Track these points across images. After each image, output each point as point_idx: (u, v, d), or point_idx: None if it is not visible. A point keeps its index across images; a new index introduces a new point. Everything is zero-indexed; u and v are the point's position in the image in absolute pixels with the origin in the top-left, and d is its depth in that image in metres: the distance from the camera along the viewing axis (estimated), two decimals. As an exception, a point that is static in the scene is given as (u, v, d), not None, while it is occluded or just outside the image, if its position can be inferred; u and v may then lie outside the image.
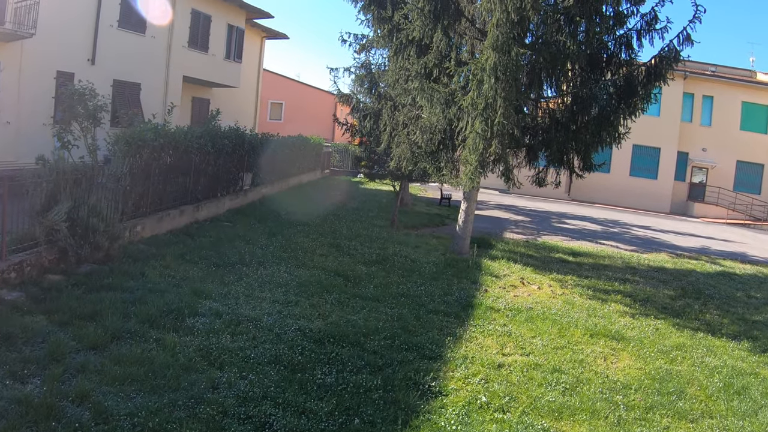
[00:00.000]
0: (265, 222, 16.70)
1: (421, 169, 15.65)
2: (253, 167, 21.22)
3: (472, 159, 11.43)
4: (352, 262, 12.68)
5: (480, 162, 11.48)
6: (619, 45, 13.71)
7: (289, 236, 14.85)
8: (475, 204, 14.76)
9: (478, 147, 11.22)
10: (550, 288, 12.74)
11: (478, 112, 11.01)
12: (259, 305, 9.16)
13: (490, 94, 10.66)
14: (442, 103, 12.26)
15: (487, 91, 10.67)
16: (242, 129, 20.31)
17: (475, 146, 11.26)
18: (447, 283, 11.86)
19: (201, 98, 30.48)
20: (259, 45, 36.19)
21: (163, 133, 13.93)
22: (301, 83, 49.99)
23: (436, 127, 13.49)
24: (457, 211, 25.59)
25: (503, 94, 10.58)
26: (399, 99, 15.05)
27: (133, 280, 9.85)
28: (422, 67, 12.86)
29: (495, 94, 10.62)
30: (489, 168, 12.63)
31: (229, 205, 18.67)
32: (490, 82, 10.56)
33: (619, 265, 16.68)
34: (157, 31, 24.71)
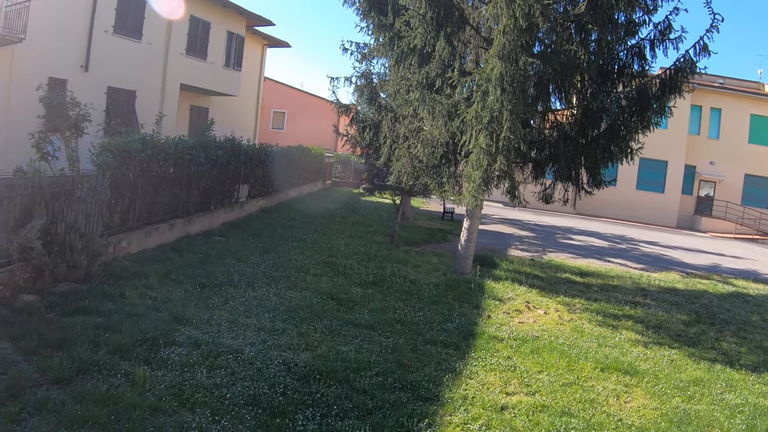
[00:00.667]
0: (259, 237, 16.02)
1: (422, 184, 14.97)
2: (249, 179, 20.59)
3: (476, 175, 10.72)
4: (347, 284, 11.96)
5: (484, 179, 10.77)
6: (631, 55, 13.03)
7: (283, 253, 14.16)
8: (478, 221, 14.05)
9: (482, 163, 10.50)
10: (557, 313, 12.00)
11: (483, 125, 10.31)
12: (242, 333, 8.44)
13: (495, 106, 9.95)
14: (445, 115, 11.58)
15: (493, 103, 9.96)
16: (239, 139, 19.66)
17: (479, 162, 10.55)
18: (447, 308, 11.12)
19: (199, 107, 29.89)
20: (260, 53, 35.62)
21: (151, 144, 13.28)
22: (303, 92, 49.53)
23: (438, 141, 12.80)
24: (459, 226, 24.89)
25: (510, 106, 9.87)
26: (400, 110, 14.38)
27: (111, 301, 9.18)
28: (424, 77, 12.18)
29: (501, 106, 9.91)
30: (493, 185, 11.91)
31: (224, 218, 18.01)
32: (495, 93, 9.85)
33: (629, 286, 15.93)
34: (154, 38, 24.14)
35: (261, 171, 21.67)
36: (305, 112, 46.47)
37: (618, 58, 13.03)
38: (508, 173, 10.91)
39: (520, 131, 10.25)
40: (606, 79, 12.95)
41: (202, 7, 26.53)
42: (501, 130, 10.08)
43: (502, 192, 12.48)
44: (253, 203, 20.97)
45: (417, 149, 13.17)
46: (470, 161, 10.88)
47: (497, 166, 10.55)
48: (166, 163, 14.26)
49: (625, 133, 12.35)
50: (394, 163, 14.49)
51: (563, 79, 11.33)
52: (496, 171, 10.91)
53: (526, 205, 12.71)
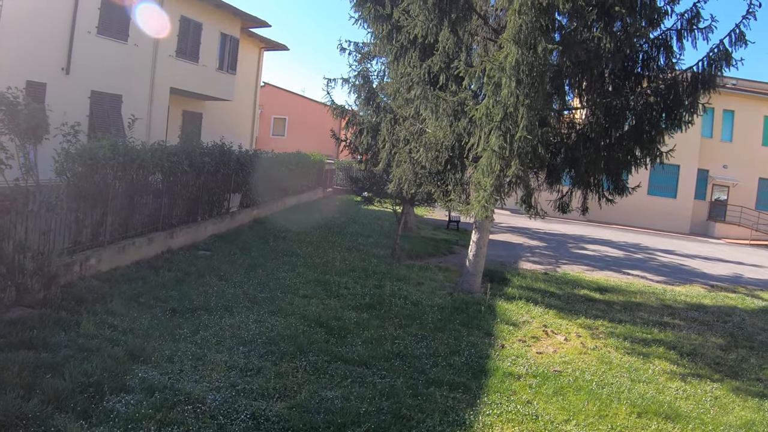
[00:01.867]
0: (248, 251, 14.64)
1: (425, 192, 13.54)
2: (242, 187, 19.24)
3: (487, 183, 9.28)
4: (339, 307, 10.53)
5: (496, 186, 9.32)
6: (656, 47, 11.61)
7: (271, 270, 12.77)
8: (488, 234, 12.61)
9: (494, 168, 9.06)
10: (580, 339, 10.55)
11: (495, 124, 8.88)
12: (209, 375, 7.03)
13: (510, 101, 8.52)
14: (450, 114, 10.17)
15: (507, 97, 8.53)
16: (229, 145, 18.31)
17: (490, 167, 9.10)
18: (454, 336, 9.66)
19: (192, 112, 28.55)
20: (257, 56, 34.28)
21: (123, 150, 11.94)
22: (305, 98, 48.36)
23: (442, 144, 11.40)
24: (466, 235, 23.52)
25: (527, 101, 8.44)
26: (400, 111, 13.00)
27: (64, 331, 7.85)
28: (425, 71, 10.76)
29: (516, 101, 8.48)
30: (506, 193, 10.46)
31: (212, 230, 16.65)
32: (510, 86, 8.41)
33: (654, 303, 14.49)
34: (142, 39, 22.78)
35: (255, 179, 20.31)
36: (307, 118, 45.28)
37: (640, 51, 11.63)
38: (523, 180, 9.46)
39: (538, 131, 8.83)
40: (630, 73, 11.54)
41: (193, 7, 25.20)
42: (516, 130, 8.66)
43: (516, 201, 11.02)
44: (245, 213, 19.61)
45: (419, 154, 11.76)
46: (480, 166, 9.43)
47: (512, 171, 9.10)
48: (143, 171, 12.96)
49: (654, 134, 10.95)
50: (394, 170, 13.07)
51: (583, 72, 9.91)
52: (510, 177, 9.43)
53: (544, 216, 11.31)
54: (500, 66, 8.49)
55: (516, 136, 8.64)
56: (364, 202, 17.16)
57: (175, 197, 14.67)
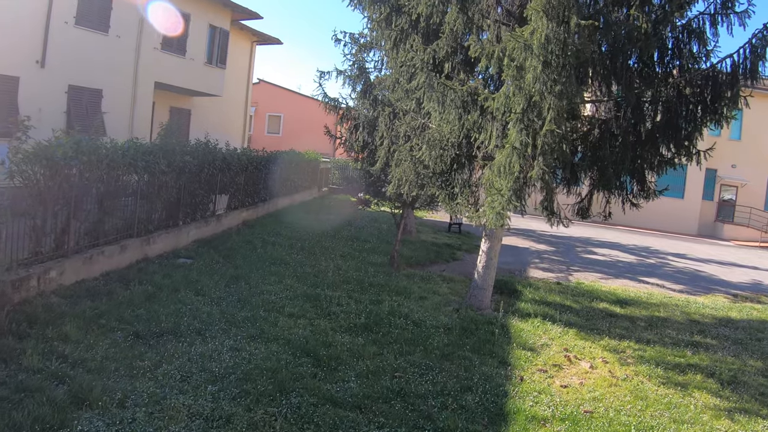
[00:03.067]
0: (233, 258, 13.29)
1: (427, 195, 12.12)
2: (229, 188, 17.89)
3: (504, 185, 7.85)
4: (331, 329, 9.13)
5: (515, 190, 7.91)
6: (688, 33, 10.23)
7: (256, 282, 11.40)
8: (500, 243, 11.20)
9: (513, 168, 7.63)
10: (607, 366, 9.18)
11: (516, 116, 7.48)
12: (165, 426, 5.66)
13: (534, 88, 7.11)
14: (458, 106, 8.76)
15: (531, 83, 7.14)
16: (214, 143, 16.94)
17: (509, 167, 7.67)
18: (465, 367, 8.24)
19: (180, 108, 27.15)
20: (248, 50, 32.86)
21: (89, 149, 10.57)
22: (301, 95, 47.08)
23: (448, 140, 10.02)
24: (469, 239, 22.27)
25: (557, 87, 7.06)
26: (399, 105, 11.61)
27: (5, 363, 6.60)
28: (430, 56, 9.37)
29: (543, 87, 7.10)
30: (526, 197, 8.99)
31: (195, 234, 15.31)
32: (536, 69, 7.02)
33: (679, 318, 13.15)
34: (124, 30, 21.35)
35: (243, 179, 18.97)
36: (303, 116, 43.98)
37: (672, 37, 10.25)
38: (546, 182, 8.05)
39: (565, 124, 7.45)
40: (660, 62, 10.17)
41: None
42: (541, 123, 7.28)
43: (536, 207, 9.59)
44: (233, 216, 18.25)
45: (421, 152, 10.36)
46: (495, 166, 8.00)
47: (535, 172, 7.69)
48: (114, 172, 11.63)
49: (691, 130, 9.59)
50: (392, 170, 11.65)
51: (613, 57, 8.53)
52: (535, 179, 8.00)
53: (568, 225, 9.94)
54: (525, 44, 7.08)
55: (542, 130, 7.25)
56: (361, 205, 15.74)
57: (152, 200, 13.38)
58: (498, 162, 7.82)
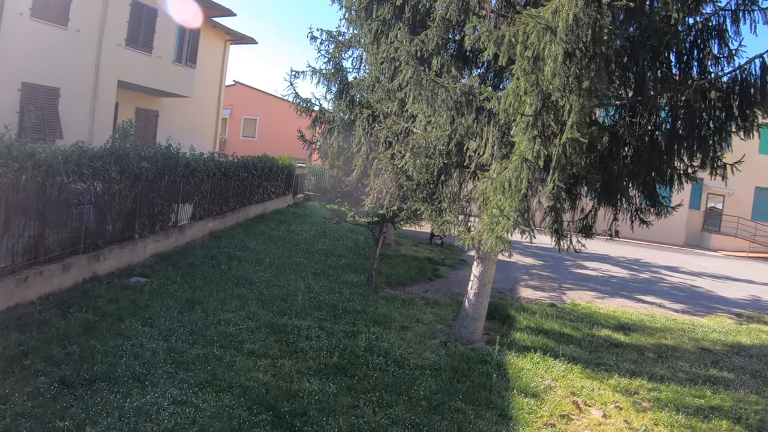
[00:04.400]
0: (192, 277, 11.80)
1: (411, 210, 10.63)
2: (194, 196, 16.34)
3: (508, 204, 6.40)
4: (297, 372, 7.65)
5: (521, 210, 6.47)
6: (707, 31, 8.92)
7: (214, 308, 9.90)
8: (494, 267, 9.80)
9: (521, 184, 6.22)
10: (622, 414, 7.79)
11: (527, 120, 6.05)
12: None
13: (554, 83, 5.71)
14: (451, 107, 7.35)
15: (549, 77, 5.73)
16: (177, 147, 15.39)
17: (517, 182, 6.25)
18: (458, 424, 6.73)
19: (147, 110, 25.47)
20: (222, 50, 31.24)
21: (19, 155, 9.08)
22: (278, 98, 45.36)
23: (435, 147, 8.62)
24: (452, 252, 20.82)
25: (583, 83, 5.64)
26: (380, 107, 10.19)
27: None
28: (418, 49, 7.94)
29: (565, 83, 5.69)
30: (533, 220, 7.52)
31: (154, 248, 13.81)
32: (556, 59, 5.60)
33: (688, 346, 11.87)
34: (85, 24, 19.70)
35: (210, 186, 17.43)
36: (279, 119, 42.44)
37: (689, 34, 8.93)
38: (560, 201, 6.63)
39: (589, 130, 6.05)
40: (678, 61, 8.84)
41: (146, -10, 22.20)
42: (560, 128, 5.87)
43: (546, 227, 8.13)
44: (198, 226, 16.72)
45: (404, 160, 8.93)
46: (497, 182, 6.51)
47: (549, 189, 6.26)
48: (54, 180, 10.14)
49: (718, 138, 8.28)
50: (371, 180, 10.23)
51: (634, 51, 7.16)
52: (549, 198, 6.53)
53: (581, 250, 8.59)
54: (546, 26, 5.61)
55: (562, 136, 5.83)
56: (335, 219, 14.22)
57: (103, 211, 11.88)
58: (502, 177, 6.37)
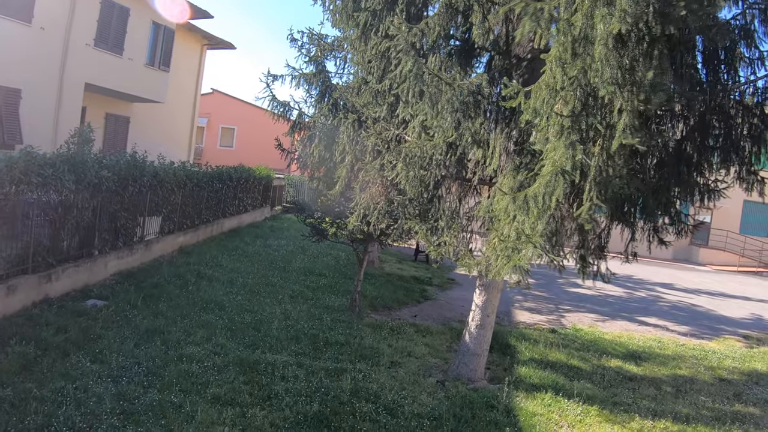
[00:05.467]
0: (156, 300, 10.52)
1: (402, 228, 9.30)
2: (162, 208, 15.03)
3: (534, 228, 5.13)
4: (270, 424, 6.34)
5: (549, 234, 5.22)
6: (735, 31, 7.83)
7: (177, 339, 8.61)
8: (499, 295, 8.60)
9: (549, 201, 5.00)
10: (655, 472, 6.66)
11: (565, 121, 4.81)
12: None
13: (606, 74, 4.48)
14: (456, 108, 6.15)
15: (600, 65, 4.45)
16: (142, 156, 14.07)
17: (546, 200, 5.02)
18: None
19: (117, 115, 24.04)
20: (198, 54, 29.88)
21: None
22: (257, 107, 44.08)
23: (431, 157, 7.44)
24: (441, 271, 18.79)
25: (650, 73, 4.42)
26: (367, 111, 8.99)
27: None
28: (417, 38, 6.69)
29: (618, 75, 4.45)
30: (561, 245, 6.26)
31: (116, 266, 12.53)
32: (607, 42, 4.32)
33: (705, 376, 10.79)
34: (50, 22, 18.32)
35: (181, 198, 16.11)
36: (258, 128, 41.15)
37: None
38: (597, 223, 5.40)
39: (643, 135, 4.82)
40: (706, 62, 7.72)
41: (117, -12, 20.84)
42: (609, 132, 4.64)
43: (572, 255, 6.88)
44: (167, 241, 15.41)
45: (396, 171, 7.72)
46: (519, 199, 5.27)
47: (585, 209, 5.02)
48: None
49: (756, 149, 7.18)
50: (357, 195, 9.00)
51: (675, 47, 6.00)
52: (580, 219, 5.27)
53: (609, 280, 7.45)
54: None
55: (613, 144, 4.57)
56: (315, 237, 12.89)
57: (57, 224, 10.61)
58: (531, 192, 5.11)
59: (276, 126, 13.26)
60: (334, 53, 13.36)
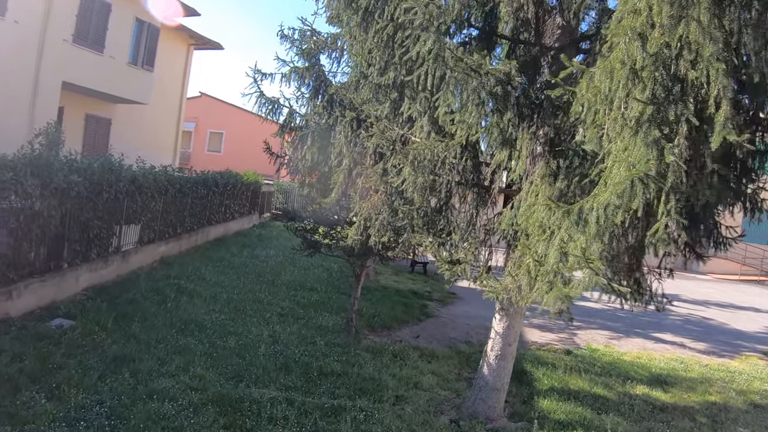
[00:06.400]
0: (129, 321, 9.40)
1: (408, 243, 8.10)
2: (141, 216, 13.88)
3: (590, 247, 4.01)
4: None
5: (609, 258, 4.13)
6: None
7: (148, 371, 7.47)
8: (522, 320, 7.49)
9: (614, 217, 3.86)
10: None
11: (643, 114, 3.67)
12: None
13: (705, 49, 3.25)
14: (482, 100, 4.98)
15: (700, 33, 3.31)
16: (119, 160, 12.93)
17: (613, 213, 3.84)
18: None
19: (98, 117, 22.80)
20: (184, 54, 28.67)
21: None
22: (246, 111, 43.07)
23: (444, 160, 6.36)
24: (439, 283, 17.66)
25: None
26: (367, 108, 7.91)
27: None
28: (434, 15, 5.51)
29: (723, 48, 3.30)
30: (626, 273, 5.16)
31: (89, 280, 11.40)
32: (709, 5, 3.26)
33: (738, 402, 9.84)
34: (25, 15, 17.10)
35: (162, 205, 14.97)
36: (247, 133, 40.01)
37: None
38: (676, 244, 4.31)
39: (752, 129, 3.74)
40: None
41: (98, -18, 19.65)
42: (701, 123, 3.55)
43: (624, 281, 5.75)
44: (147, 252, 14.27)
45: (402, 177, 6.65)
46: (574, 212, 4.12)
47: (661, 225, 3.90)
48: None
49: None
50: (356, 204, 7.90)
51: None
52: (658, 238, 4.13)
53: (663, 308, 6.40)
54: None
55: (712, 141, 3.47)
56: (306, 252, 11.73)
57: (19, 234, 9.49)
58: (600, 202, 3.94)
59: (266, 129, 12.15)
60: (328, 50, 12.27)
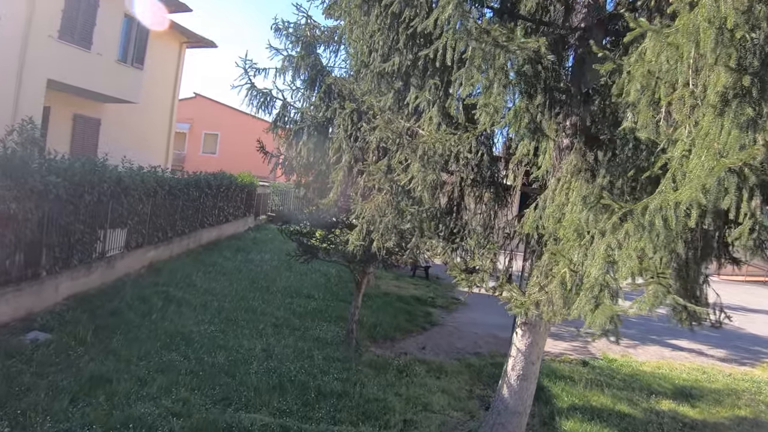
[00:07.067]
0: (109, 334, 8.62)
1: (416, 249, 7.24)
2: (128, 219, 13.09)
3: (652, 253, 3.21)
4: None
5: (683, 274, 3.39)
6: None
7: (126, 393, 6.68)
8: (546, 337, 6.68)
9: (689, 220, 3.02)
10: None
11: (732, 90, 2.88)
12: None
13: None
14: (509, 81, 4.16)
15: None
16: (102, 161, 12.16)
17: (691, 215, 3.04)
18: None
19: (87, 117, 21.96)
20: (177, 53, 27.86)
21: None
22: (241, 112, 42.32)
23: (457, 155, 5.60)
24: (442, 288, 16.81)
25: None
26: (368, 99, 7.13)
27: None
28: None
29: None
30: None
31: (70, 288, 10.65)
32: None
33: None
34: (8, 9, 16.30)
35: (151, 207, 14.18)
36: (242, 134, 39.37)
37: None
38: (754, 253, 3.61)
39: None
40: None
41: (86, -24, 18.84)
42: None
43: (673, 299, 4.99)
44: (135, 257, 13.48)
45: (411, 174, 5.87)
46: (637, 215, 3.33)
47: (744, 233, 3.20)
48: None
49: None
50: (357, 206, 7.11)
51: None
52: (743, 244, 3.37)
53: (721, 325, 5.67)
54: None
55: None
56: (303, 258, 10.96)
57: (-10, 241, 8.74)
58: (682, 198, 3.11)
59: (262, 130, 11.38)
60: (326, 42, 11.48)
